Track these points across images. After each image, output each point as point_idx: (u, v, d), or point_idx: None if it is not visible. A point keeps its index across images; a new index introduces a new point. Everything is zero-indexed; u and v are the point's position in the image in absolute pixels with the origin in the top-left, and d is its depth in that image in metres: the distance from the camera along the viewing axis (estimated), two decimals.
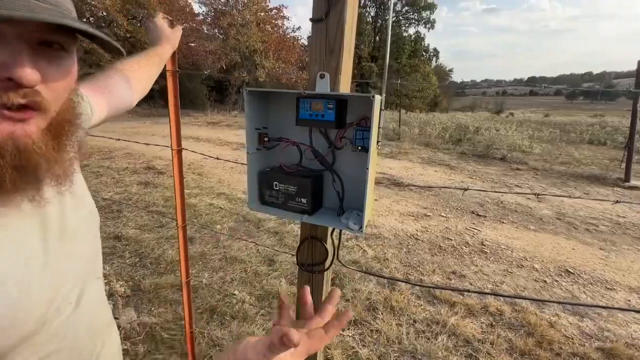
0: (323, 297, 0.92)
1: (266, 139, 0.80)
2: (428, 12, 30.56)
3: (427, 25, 31.10)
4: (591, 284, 2.66)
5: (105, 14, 13.89)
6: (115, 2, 13.49)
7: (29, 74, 0.33)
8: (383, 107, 0.72)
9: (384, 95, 0.75)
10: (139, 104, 0.91)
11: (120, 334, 0.64)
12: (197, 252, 2.75)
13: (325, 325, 0.44)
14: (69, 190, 0.48)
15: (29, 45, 0.34)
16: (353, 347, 1.87)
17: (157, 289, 2.22)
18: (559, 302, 2.13)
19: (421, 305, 2.26)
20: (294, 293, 2.13)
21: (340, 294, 0.49)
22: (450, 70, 48.19)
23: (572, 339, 2.03)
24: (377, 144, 0.74)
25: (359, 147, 0.71)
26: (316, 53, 0.74)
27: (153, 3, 14.60)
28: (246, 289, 2.31)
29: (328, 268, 0.88)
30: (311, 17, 0.73)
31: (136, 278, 2.35)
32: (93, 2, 13.01)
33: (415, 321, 2.10)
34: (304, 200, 0.77)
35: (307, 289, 0.50)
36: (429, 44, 34.36)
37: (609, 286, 2.64)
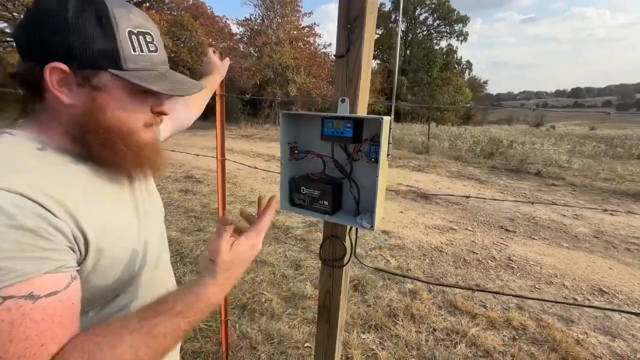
0: (342, 290, 1.06)
1: (296, 152, 0.97)
2: (460, 25, 30.22)
3: (460, 38, 30.71)
4: (627, 304, 2.55)
5: None
6: (162, 26, 14.79)
7: (168, 110, 0.61)
8: (392, 126, 0.87)
9: (392, 116, 0.91)
10: None
11: None
12: None
13: (261, 211, 0.65)
14: (145, 186, 0.70)
15: None
16: (372, 350, 1.96)
17: None
18: (582, 306, 2.08)
19: (442, 314, 2.30)
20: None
21: (273, 197, 0.66)
22: (485, 82, 46.85)
23: (600, 358, 1.98)
24: (387, 156, 0.89)
25: (373, 159, 0.86)
26: (338, 82, 0.91)
27: (196, 26, 15.81)
28: (274, 290, 2.48)
29: (346, 263, 1.03)
30: (334, 53, 0.91)
31: (177, 275, 2.60)
32: None
33: (435, 329, 2.15)
34: (326, 203, 0.92)
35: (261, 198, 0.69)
36: (461, 57, 33.81)
37: None
